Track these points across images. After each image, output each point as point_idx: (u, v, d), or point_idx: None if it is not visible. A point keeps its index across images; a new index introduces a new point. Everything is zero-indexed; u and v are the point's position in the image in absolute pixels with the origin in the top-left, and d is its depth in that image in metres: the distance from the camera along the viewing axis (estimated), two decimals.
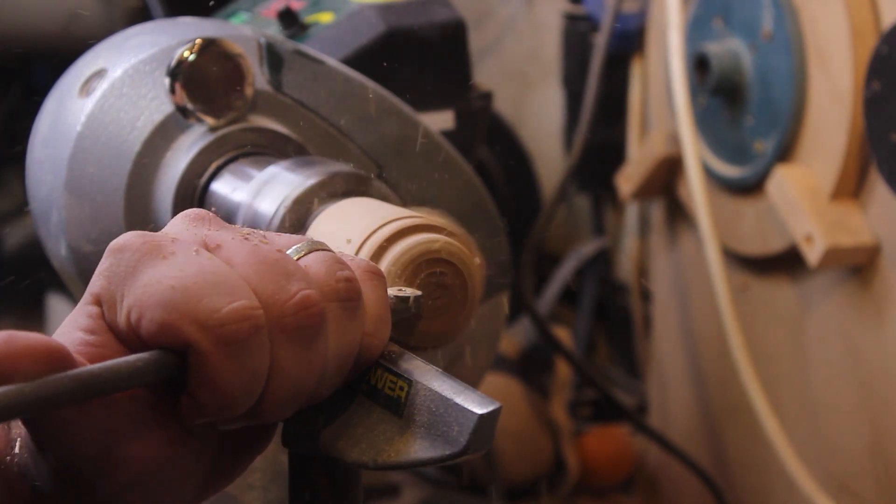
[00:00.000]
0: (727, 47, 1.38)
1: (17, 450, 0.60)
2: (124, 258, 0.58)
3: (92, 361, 0.56)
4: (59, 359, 0.54)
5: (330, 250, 0.63)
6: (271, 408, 0.59)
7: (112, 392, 0.56)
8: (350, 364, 0.62)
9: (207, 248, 0.60)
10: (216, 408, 0.57)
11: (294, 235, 0.64)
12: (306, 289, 0.58)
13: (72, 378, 0.54)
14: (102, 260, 0.59)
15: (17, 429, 0.60)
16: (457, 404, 0.60)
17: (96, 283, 0.59)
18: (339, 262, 0.62)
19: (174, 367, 0.57)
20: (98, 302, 0.59)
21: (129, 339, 0.58)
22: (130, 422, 0.58)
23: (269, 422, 0.61)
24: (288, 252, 0.61)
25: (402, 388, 0.62)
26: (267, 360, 0.57)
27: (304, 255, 0.62)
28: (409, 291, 0.69)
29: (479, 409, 0.59)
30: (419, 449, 0.61)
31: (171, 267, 0.57)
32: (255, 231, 0.63)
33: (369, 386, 0.64)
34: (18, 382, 0.52)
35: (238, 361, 0.56)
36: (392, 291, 0.67)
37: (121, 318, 0.58)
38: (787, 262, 1.35)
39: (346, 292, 0.61)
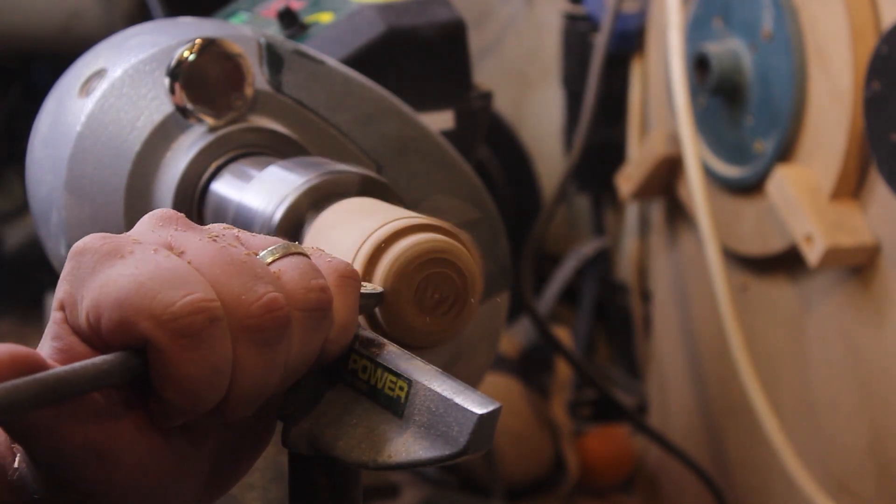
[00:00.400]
0: (727, 47, 1.38)
1: (16, 464, 0.60)
2: (84, 261, 0.58)
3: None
4: (26, 364, 0.54)
5: (305, 254, 0.62)
6: (235, 405, 0.59)
7: (78, 394, 0.55)
8: (306, 368, 0.62)
9: (171, 250, 0.59)
10: (183, 405, 0.57)
11: (270, 237, 0.64)
12: (273, 292, 0.58)
13: (36, 381, 0.53)
14: (66, 264, 0.59)
15: None
16: (457, 404, 0.60)
17: (60, 289, 0.59)
18: (313, 270, 0.61)
19: (139, 367, 0.57)
20: (62, 307, 0.59)
21: (92, 340, 0.58)
22: (115, 427, 0.58)
23: (234, 420, 0.60)
24: (262, 254, 0.61)
25: (402, 388, 0.62)
26: (229, 355, 0.57)
27: (279, 258, 0.61)
28: (371, 287, 0.69)
29: (479, 409, 0.59)
30: (419, 449, 0.61)
31: (128, 265, 0.57)
32: (228, 231, 0.63)
33: (369, 386, 0.64)
34: None
35: (196, 353, 0.56)
36: None
37: (81, 320, 0.58)
38: (787, 262, 1.35)
39: (316, 303, 0.60)
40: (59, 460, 0.57)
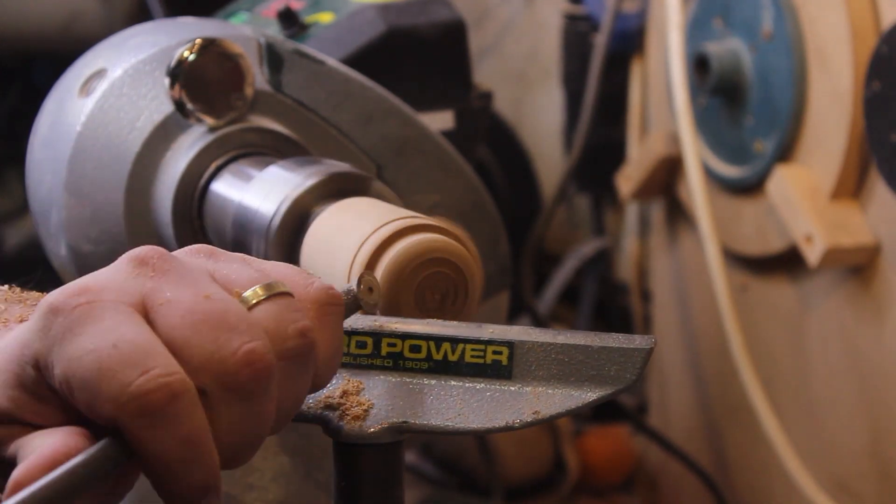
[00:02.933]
0: (727, 47, 1.38)
1: None
2: (56, 323, 0.57)
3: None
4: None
5: (287, 292, 0.60)
6: (227, 463, 0.58)
7: (86, 490, 0.55)
8: (298, 408, 0.62)
9: (146, 307, 0.58)
10: (169, 482, 0.56)
11: (254, 273, 0.62)
12: (250, 342, 0.57)
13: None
14: (38, 318, 0.58)
15: None
16: (607, 347, 0.63)
17: (33, 344, 0.58)
18: (293, 313, 0.60)
19: (121, 451, 0.56)
20: (37, 365, 0.58)
21: (70, 404, 0.57)
22: None
23: (234, 468, 0.60)
24: (246, 295, 0.60)
25: (498, 353, 0.63)
26: (200, 423, 0.56)
27: (261, 301, 0.60)
28: (348, 287, 0.66)
29: (645, 345, 0.63)
30: (563, 396, 0.63)
31: (94, 338, 0.56)
32: (207, 260, 0.62)
33: (447, 363, 0.64)
34: None
35: (163, 430, 0.55)
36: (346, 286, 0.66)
37: (56, 386, 0.57)
38: (787, 262, 1.35)
39: (296, 349, 0.59)
40: None
